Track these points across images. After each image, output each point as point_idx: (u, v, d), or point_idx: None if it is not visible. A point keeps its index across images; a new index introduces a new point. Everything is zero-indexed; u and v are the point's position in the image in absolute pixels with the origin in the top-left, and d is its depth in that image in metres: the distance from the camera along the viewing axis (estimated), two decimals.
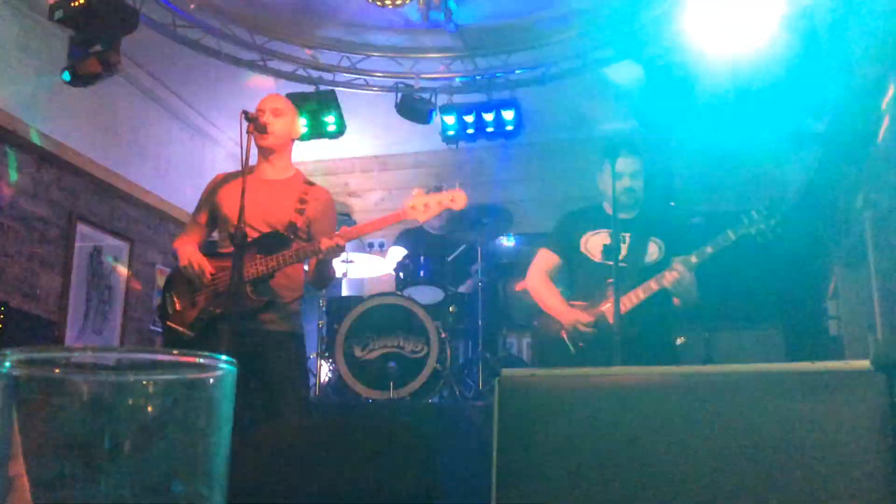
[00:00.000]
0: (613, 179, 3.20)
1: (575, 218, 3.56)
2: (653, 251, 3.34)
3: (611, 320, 3.17)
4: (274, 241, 2.96)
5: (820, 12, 4.23)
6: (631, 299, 3.19)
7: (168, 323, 3.07)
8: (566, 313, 3.30)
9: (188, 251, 3.06)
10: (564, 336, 3.33)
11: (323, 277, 3.20)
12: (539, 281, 3.50)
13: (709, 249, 3.10)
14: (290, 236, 3.00)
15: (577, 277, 3.46)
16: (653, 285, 3.17)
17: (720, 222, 3.28)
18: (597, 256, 3.34)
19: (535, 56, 5.73)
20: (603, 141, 3.36)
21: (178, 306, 3.05)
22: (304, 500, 2.07)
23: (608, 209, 3.44)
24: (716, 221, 3.65)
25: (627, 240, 3.34)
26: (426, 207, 3.01)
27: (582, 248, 3.38)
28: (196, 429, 0.47)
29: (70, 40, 4.31)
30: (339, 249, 2.94)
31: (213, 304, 3.00)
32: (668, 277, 3.10)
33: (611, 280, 3.04)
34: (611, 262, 3.24)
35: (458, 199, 3.04)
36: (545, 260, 3.55)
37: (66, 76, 4.39)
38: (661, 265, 3.24)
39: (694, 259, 3.11)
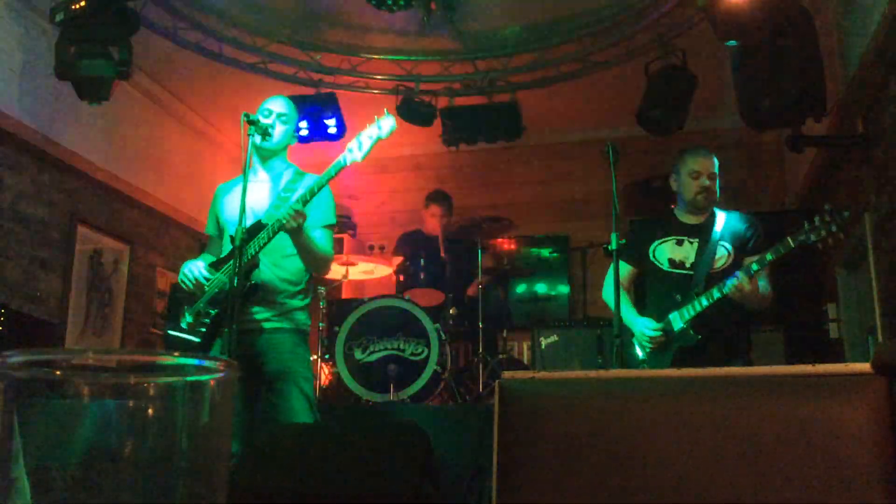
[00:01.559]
0: (613, 181, 3.22)
1: (646, 226, 3.61)
2: (721, 256, 3.33)
3: (674, 327, 3.26)
4: (256, 230, 2.93)
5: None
6: (694, 307, 3.21)
7: (175, 333, 3.08)
8: (635, 323, 3.36)
9: (183, 268, 3.09)
10: (635, 343, 3.40)
11: (304, 253, 3.02)
12: (610, 291, 3.55)
13: (769, 257, 3.09)
14: (269, 223, 2.96)
15: (648, 286, 3.50)
16: (714, 293, 3.18)
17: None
18: (664, 265, 3.37)
19: (534, 58, 5.73)
20: (598, 144, 3.38)
21: (189, 318, 3.07)
22: (305, 501, 2.08)
23: (679, 215, 3.48)
24: None
25: (695, 245, 3.35)
26: (359, 146, 2.96)
27: (651, 258, 3.42)
28: (197, 430, 0.47)
29: (63, 46, 4.28)
30: (298, 215, 2.83)
31: (212, 306, 3.01)
32: (729, 288, 3.10)
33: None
34: (678, 271, 3.30)
35: (384, 125, 2.96)
36: (618, 269, 3.60)
37: (93, 104, 4.37)
38: (730, 271, 3.23)
39: (755, 267, 3.09)
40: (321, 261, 3.13)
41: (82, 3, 4.11)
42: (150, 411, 0.46)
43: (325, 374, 5.15)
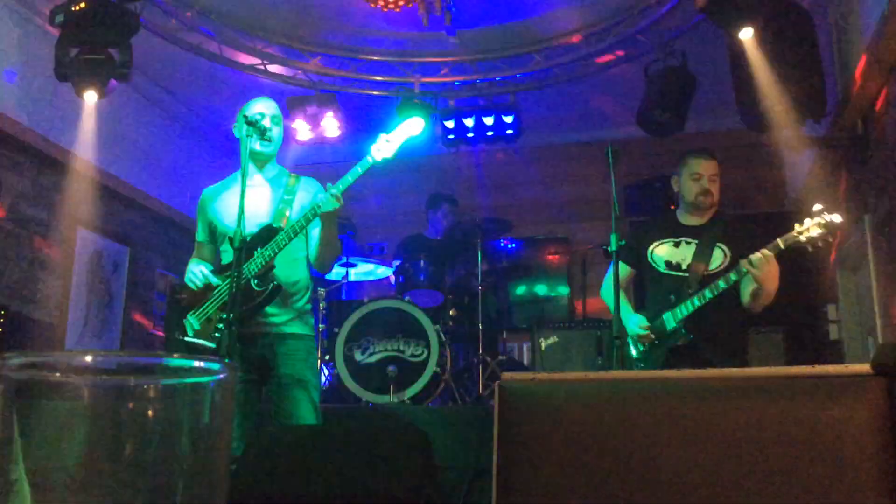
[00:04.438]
0: (613, 182, 3.23)
1: (646, 227, 3.62)
2: (717, 258, 3.33)
3: (667, 326, 3.27)
4: (267, 234, 2.98)
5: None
6: (686, 307, 3.20)
7: (188, 339, 3.08)
8: (629, 320, 3.38)
9: (190, 267, 3.10)
10: (630, 341, 3.41)
11: (330, 238, 3.07)
12: (608, 290, 3.57)
13: (781, 244, 3.11)
14: (281, 226, 3.01)
15: (646, 286, 3.52)
16: (707, 294, 3.18)
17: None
18: (661, 266, 3.38)
19: (534, 59, 5.74)
20: (598, 146, 3.39)
21: (196, 325, 3.07)
22: (305, 501, 2.07)
23: (679, 216, 3.49)
24: None
25: (693, 246, 3.35)
26: (388, 144, 3.04)
27: (649, 259, 3.43)
28: (197, 432, 0.47)
29: (63, 46, 4.28)
30: (337, 198, 2.92)
31: (224, 311, 3.02)
32: (753, 258, 3.06)
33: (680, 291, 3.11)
34: (674, 273, 3.30)
35: (414, 124, 3.07)
36: (616, 269, 3.61)
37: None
38: (724, 272, 3.23)
39: (781, 244, 3.09)
40: (337, 251, 3.20)
41: (82, 5, 4.11)
42: (150, 413, 0.46)
43: (324, 375, 5.15)
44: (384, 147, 3.04)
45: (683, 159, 3.49)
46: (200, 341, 3.03)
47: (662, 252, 3.41)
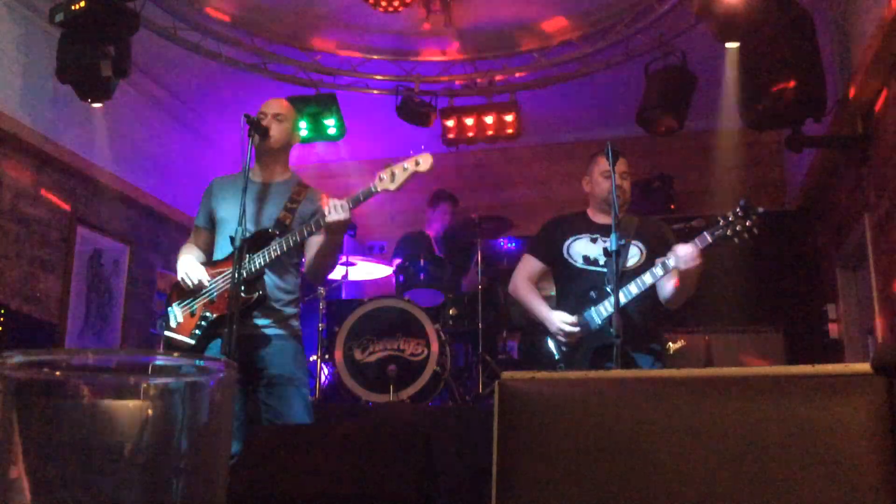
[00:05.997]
0: (613, 181, 3.22)
1: (559, 224, 3.61)
2: (634, 255, 3.35)
3: (591, 325, 3.24)
4: (261, 239, 2.96)
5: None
6: (611, 304, 3.19)
7: (167, 334, 3.08)
8: (551, 318, 3.33)
9: (184, 262, 3.08)
10: (549, 340, 3.36)
11: (330, 251, 3.06)
12: (524, 287, 3.56)
13: (709, 238, 3.11)
14: (276, 233, 2.99)
15: (561, 283, 3.50)
16: (647, 279, 3.17)
17: None
18: (579, 262, 3.38)
19: (534, 59, 5.74)
20: (598, 145, 3.39)
21: (179, 318, 3.06)
22: (304, 501, 2.08)
23: (591, 215, 3.49)
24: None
25: (608, 244, 3.36)
26: (393, 176, 3.02)
27: (565, 255, 3.43)
28: (196, 430, 0.47)
29: (64, 48, 4.29)
30: (341, 210, 2.90)
31: (210, 309, 3.01)
32: (678, 252, 3.06)
33: (598, 287, 3.10)
34: (592, 268, 3.30)
35: (423, 161, 3.04)
36: (529, 265, 3.61)
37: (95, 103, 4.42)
38: (642, 269, 3.25)
39: (709, 237, 3.09)
40: (334, 265, 3.19)
41: (82, 4, 4.11)
42: (149, 411, 0.46)
43: (324, 374, 5.15)
44: (388, 179, 3.04)
45: (594, 158, 3.54)
46: (179, 337, 3.02)
47: (580, 247, 3.40)
